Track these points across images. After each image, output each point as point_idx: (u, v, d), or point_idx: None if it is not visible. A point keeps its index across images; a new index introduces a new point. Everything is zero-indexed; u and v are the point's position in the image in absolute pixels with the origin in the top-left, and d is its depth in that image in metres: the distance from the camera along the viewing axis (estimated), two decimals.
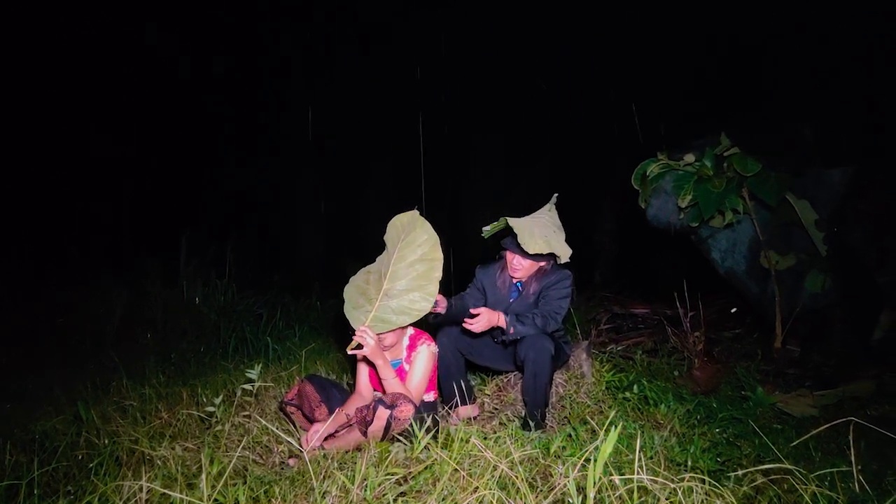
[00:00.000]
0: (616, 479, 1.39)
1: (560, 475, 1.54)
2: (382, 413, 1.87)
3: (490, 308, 2.30)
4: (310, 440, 1.94)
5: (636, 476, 1.37)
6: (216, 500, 1.54)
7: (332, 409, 2.11)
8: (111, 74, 6.39)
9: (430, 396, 2.27)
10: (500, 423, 2.29)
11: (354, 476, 1.54)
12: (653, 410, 2.39)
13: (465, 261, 2.61)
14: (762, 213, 3.53)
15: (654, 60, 5.51)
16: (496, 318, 2.19)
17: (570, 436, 2.00)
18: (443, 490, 1.49)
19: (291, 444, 2.04)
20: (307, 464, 1.64)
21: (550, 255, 2.25)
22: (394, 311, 2.03)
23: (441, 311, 2.24)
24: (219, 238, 5.11)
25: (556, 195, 2.47)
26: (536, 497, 1.42)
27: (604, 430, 1.55)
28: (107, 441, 2.12)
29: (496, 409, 2.54)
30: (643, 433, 1.96)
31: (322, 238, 7.66)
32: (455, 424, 2.05)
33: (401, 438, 1.90)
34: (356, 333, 1.98)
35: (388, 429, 1.88)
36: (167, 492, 1.54)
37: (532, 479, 1.60)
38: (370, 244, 2.24)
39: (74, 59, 6.12)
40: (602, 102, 6.11)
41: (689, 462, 1.84)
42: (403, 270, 2.05)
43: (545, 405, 2.25)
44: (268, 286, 5.11)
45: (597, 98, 6.14)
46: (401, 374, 2.17)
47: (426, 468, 1.61)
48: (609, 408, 2.38)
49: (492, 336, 2.41)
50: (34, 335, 3.91)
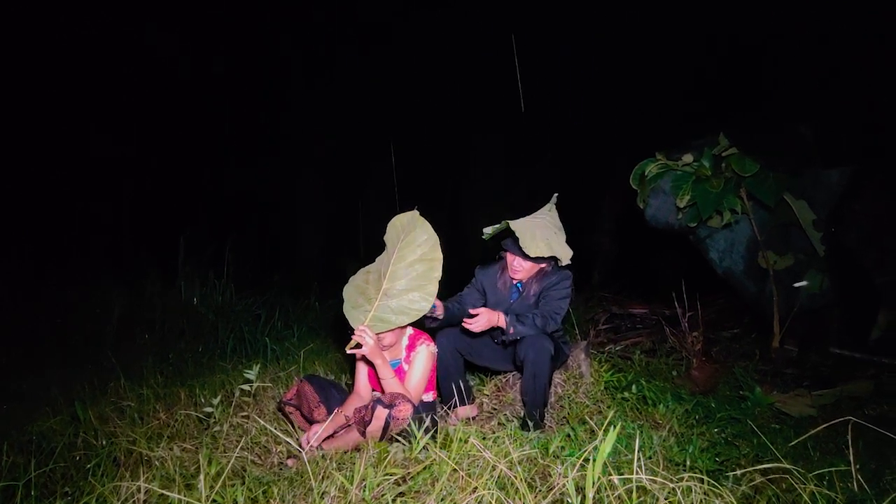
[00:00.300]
0: (615, 479, 1.39)
1: (559, 475, 1.54)
2: (381, 413, 1.87)
3: (490, 309, 2.30)
4: (310, 440, 1.94)
5: (635, 476, 1.37)
6: (214, 501, 1.53)
7: (331, 410, 2.10)
8: (111, 74, 6.38)
9: (429, 396, 2.26)
10: (499, 424, 2.29)
11: (353, 476, 1.54)
12: (651, 410, 2.39)
13: (465, 261, 2.61)
14: (760, 214, 3.53)
15: (654, 60, 5.51)
16: (496, 319, 2.19)
17: (569, 436, 2.00)
18: (442, 490, 1.49)
19: (290, 445, 2.04)
20: (306, 464, 1.64)
21: (551, 257, 2.25)
22: (393, 311, 2.03)
23: (439, 317, 2.24)
24: (217, 238, 5.10)
25: (557, 195, 2.47)
26: (535, 497, 1.42)
27: (602, 430, 1.55)
28: (104, 442, 2.11)
29: (495, 409, 2.54)
30: (642, 433, 1.96)
31: (321, 238, 7.66)
32: (454, 424, 2.05)
33: (399, 438, 1.89)
34: (355, 333, 1.98)
35: (387, 429, 1.88)
36: (165, 492, 1.54)
37: (531, 479, 1.60)
38: (370, 244, 2.24)
39: (74, 59, 6.11)
40: (601, 102, 6.12)
41: (688, 462, 1.84)
42: (403, 270, 2.05)
43: (544, 405, 2.25)
44: (266, 286, 5.11)
45: (596, 98, 6.15)
46: (400, 374, 2.17)
47: (425, 468, 1.61)
48: (608, 408, 2.38)
49: (491, 336, 2.41)
50: (33, 335, 3.89)
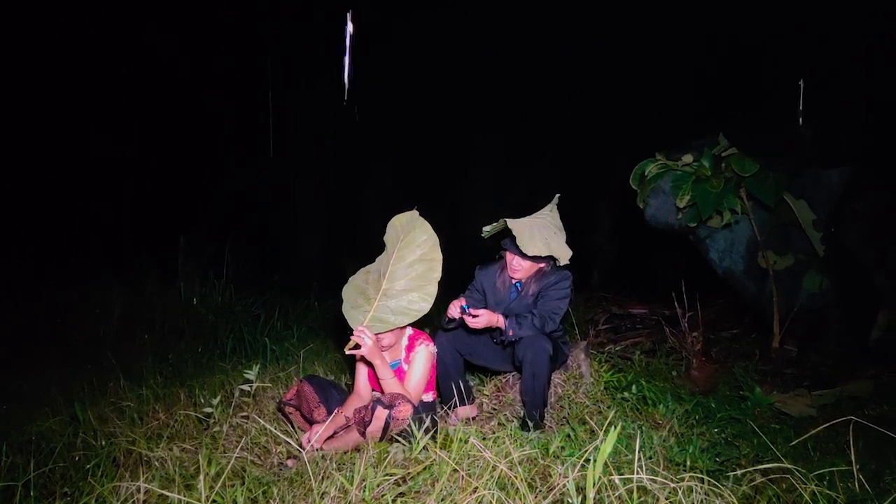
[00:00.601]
0: (616, 479, 1.39)
1: (559, 475, 1.53)
2: (381, 413, 1.87)
3: (490, 309, 2.30)
4: (310, 440, 1.94)
5: (636, 476, 1.37)
6: (214, 502, 1.53)
7: (331, 410, 2.10)
8: (111, 74, 6.37)
9: (429, 397, 2.26)
10: (499, 424, 2.29)
11: (353, 477, 1.54)
12: (651, 410, 2.39)
13: (465, 261, 2.61)
14: (760, 214, 3.54)
15: (654, 60, 5.52)
16: (495, 320, 2.19)
17: (569, 436, 2.00)
18: (442, 490, 1.49)
19: (290, 445, 2.04)
20: (306, 464, 1.64)
21: (550, 257, 2.25)
22: (392, 312, 2.02)
23: (459, 317, 2.22)
24: (217, 238, 5.10)
25: (558, 195, 2.46)
26: (536, 497, 1.42)
27: (603, 431, 1.55)
28: (104, 442, 2.11)
29: (495, 410, 2.54)
30: (642, 433, 1.95)
31: (321, 238, 7.65)
32: (454, 425, 2.05)
33: (399, 439, 1.89)
34: (354, 333, 1.97)
35: (387, 429, 1.87)
36: (165, 493, 1.54)
37: (531, 480, 1.60)
38: (369, 244, 2.24)
39: (74, 59, 6.10)
40: (601, 102, 6.12)
41: (688, 462, 1.84)
42: (402, 271, 2.05)
43: (544, 405, 2.25)
44: (266, 286, 5.10)
45: (596, 98, 6.15)
46: (399, 375, 2.16)
47: (425, 469, 1.61)
48: (608, 408, 2.38)
49: (491, 336, 2.41)
50: (32, 335, 3.89)
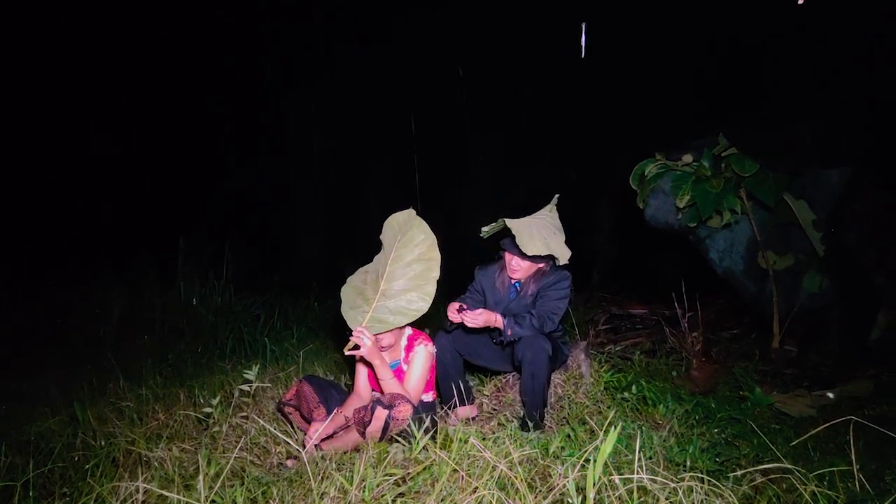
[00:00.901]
0: (616, 479, 1.39)
1: (559, 475, 1.53)
2: (380, 413, 1.86)
3: (490, 309, 2.30)
4: (311, 438, 1.94)
5: (636, 476, 1.37)
6: (213, 502, 1.53)
7: (331, 410, 2.10)
8: (111, 74, 6.37)
9: (429, 397, 2.26)
10: (499, 424, 2.29)
11: (353, 477, 1.53)
12: (651, 411, 2.39)
13: (464, 261, 2.61)
14: (760, 214, 3.54)
15: (654, 60, 5.52)
16: (494, 319, 2.19)
17: (569, 436, 1.99)
18: (441, 491, 1.49)
19: (289, 445, 2.04)
20: (305, 465, 1.64)
21: (549, 257, 2.25)
22: (391, 312, 2.02)
23: (460, 321, 2.21)
24: (217, 238, 5.10)
25: (558, 195, 2.46)
26: (536, 497, 1.42)
27: (603, 431, 1.55)
28: (103, 442, 2.11)
29: (495, 410, 2.54)
30: (642, 433, 1.95)
31: (320, 238, 7.65)
32: (454, 425, 2.05)
33: (399, 439, 1.89)
34: (353, 334, 1.97)
35: (387, 429, 1.87)
36: (164, 493, 1.53)
37: (531, 480, 1.60)
38: (369, 245, 2.24)
39: (74, 59, 6.10)
40: (601, 102, 6.12)
41: (688, 462, 1.84)
42: (401, 270, 2.05)
43: (544, 405, 2.25)
44: (266, 287, 5.10)
45: (596, 98, 6.15)
46: (399, 375, 2.16)
47: (425, 469, 1.60)
48: (608, 408, 2.38)
49: (490, 336, 2.41)
50: (32, 335, 3.89)
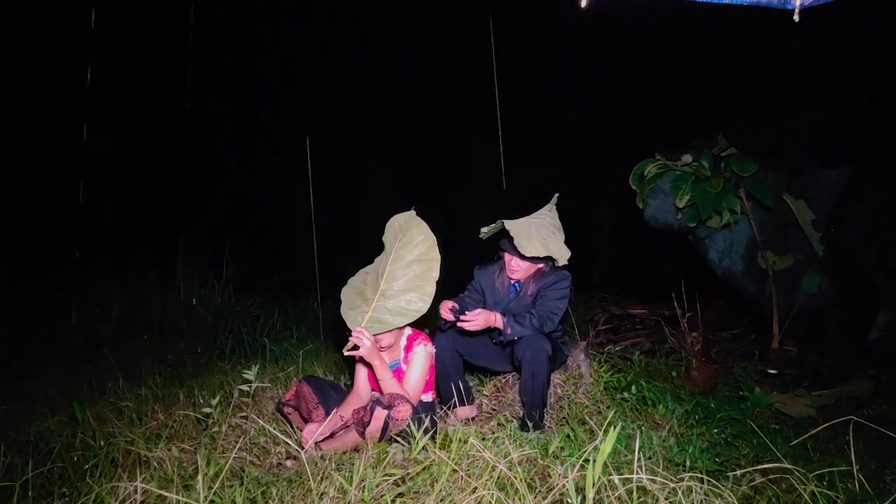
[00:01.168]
0: (615, 479, 1.39)
1: (559, 475, 1.53)
2: (380, 414, 1.86)
3: (489, 309, 2.29)
4: (307, 438, 1.93)
5: (635, 476, 1.37)
6: (213, 502, 1.52)
7: (330, 410, 2.09)
8: (111, 74, 6.37)
9: (429, 397, 2.26)
10: (499, 424, 2.29)
11: (352, 477, 1.53)
12: (651, 411, 2.39)
13: (464, 261, 2.61)
14: (759, 214, 3.54)
15: (653, 60, 5.52)
16: (493, 319, 2.19)
17: (569, 436, 1.99)
18: (441, 491, 1.48)
19: (289, 445, 2.03)
20: (305, 465, 1.64)
21: (549, 257, 2.24)
22: (390, 312, 2.02)
23: (453, 319, 2.23)
24: (216, 238, 5.10)
25: (557, 195, 2.46)
26: (535, 497, 1.42)
27: (602, 431, 1.55)
28: (102, 442, 2.11)
29: (494, 410, 2.53)
30: (641, 433, 1.95)
31: (320, 239, 7.65)
32: (453, 425, 2.05)
33: (399, 439, 1.89)
34: (353, 334, 1.97)
35: (386, 429, 1.87)
36: (163, 493, 1.53)
37: (531, 480, 1.59)
38: (369, 245, 2.24)
39: (74, 59, 6.10)
40: (601, 102, 6.12)
41: (688, 462, 1.84)
42: (400, 271, 2.05)
43: (543, 406, 2.25)
44: (265, 287, 5.10)
45: (596, 98, 6.15)
46: (398, 375, 2.16)
47: (424, 469, 1.60)
48: (607, 408, 2.38)
49: (490, 336, 2.41)
50: (32, 335, 3.89)
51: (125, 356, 3.42)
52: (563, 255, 2.23)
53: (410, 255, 2.05)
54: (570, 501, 1.32)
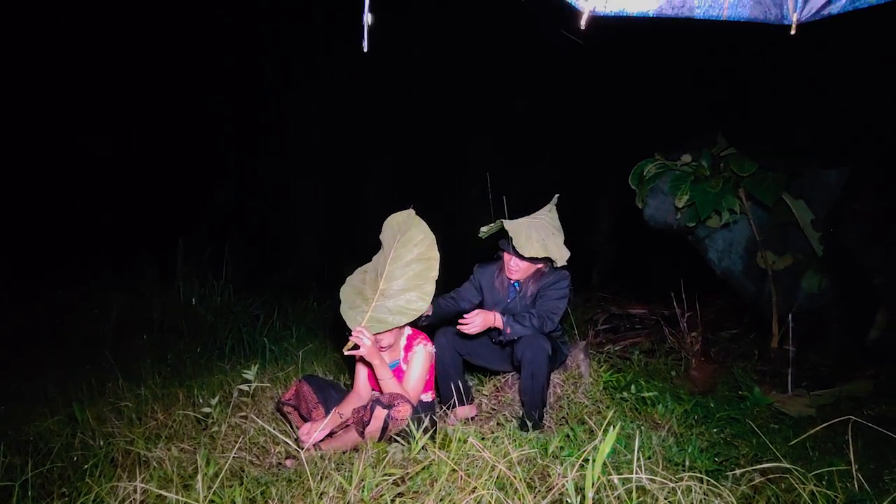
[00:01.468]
0: (615, 479, 1.39)
1: (558, 475, 1.53)
2: (380, 413, 1.86)
3: (488, 309, 2.29)
4: (303, 435, 1.93)
5: (635, 476, 1.37)
6: (212, 502, 1.53)
7: (330, 410, 2.09)
8: (110, 74, 6.37)
9: (428, 397, 2.26)
10: (498, 424, 2.29)
11: (352, 477, 1.53)
12: (650, 410, 2.39)
13: (463, 261, 2.61)
14: (759, 213, 3.54)
15: (653, 60, 5.52)
16: (492, 319, 2.19)
17: (568, 436, 2.00)
18: (441, 490, 1.49)
19: (288, 445, 2.04)
20: (304, 464, 1.64)
21: (547, 258, 2.25)
22: (390, 311, 2.02)
23: (428, 314, 2.25)
24: (216, 238, 5.09)
25: (557, 195, 2.46)
26: (535, 497, 1.42)
27: (602, 430, 1.55)
28: (102, 442, 2.11)
29: (494, 410, 2.54)
30: (641, 433, 1.95)
31: (319, 238, 7.65)
32: (453, 425, 2.05)
33: (398, 439, 1.89)
34: (352, 334, 1.97)
35: (386, 429, 1.87)
36: (163, 493, 1.53)
37: (530, 480, 1.60)
38: (368, 245, 2.24)
39: (74, 59, 6.10)
40: (601, 102, 6.12)
41: (687, 462, 1.84)
42: (400, 270, 2.05)
43: (543, 405, 2.25)
44: (265, 287, 5.10)
45: (595, 98, 6.15)
46: (398, 375, 2.16)
47: (424, 468, 1.60)
48: (607, 408, 2.38)
49: (489, 336, 2.41)
50: (31, 335, 3.88)
51: (125, 356, 3.42)
52: (563, 256, 2.23)
53: (410, 254, 2.05)
54: (570, 501, 1.33)
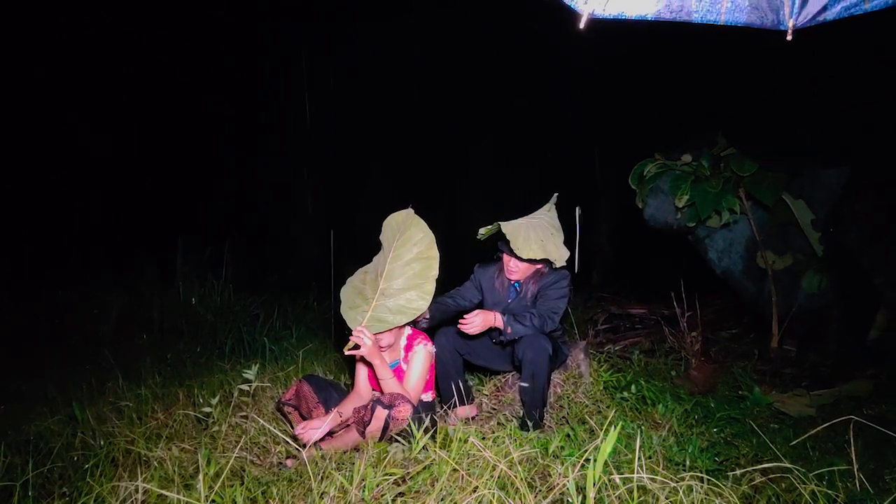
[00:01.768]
0: (616, 479, 1.39)
1: (559, 475, 1.53)
2: (380, 413, 1.86)
3: (488, 309, 2.29)
4: (300, 430, 1.93)
5: (635, 475, 1.37)
6: (213, 501, 1.53)
7: (330, 410, 2.10)
8: (110, 74, 6.37)
9: (429, 396, 2.26)
10: (499, 423, 2.29)
11: (353, 476, 1.53)
12: (650, 410, 2.39)
13: (463, 260, 2.61)
14: (759, 213, 3.54)
15: (653, 60, 5.52)
16: (492, 319, 2.19)
17: (569, 436, 2.00)
18: (441, 490, 1.49)
19: (289, 445, 2.03)
20: (305, 464, 1.64)
21: (546, 259, 2.24)
22: (391, 311, 2.02)
23: (426, 318, 2.27)
24: (215, 238, 5.09)
25: (556, 195, 2.46)
26: (536, 497, 1.42)
27: (603, 430, 1.55)
28: (102, 442, 2.11)
29: (494, 409, 2.54)
30: (641, 433, 1.95)
31: (319, 238, 7.65)
32: (453, 424, 2.05)
33: (399, 439, 1.89)
34: (353, 334, 1.97)
35: (387, 429, 1.87)
36: (164, 493, 1.53)
37: (531, 479, 1.60)
38: (368, 244, 2.24)
39: (73, 59, 6.10)
40: (601, 102, 6.12)
41: (688, 461, 1.84)
42: (400, 269, 2.05)
43: (543, 405, 2.25)
44: (265, 286, 5.10)
45: (596, 98, 6.15)
46: (398, 375, 2.16)
47: (425, 468, 1.60)
48: (607, 408, 2.38)
49: (490, 336, 2.41)
50: (31, 335, 3.88)
51: (125, 356, 3.42)
52: (562, 257, 2.23)
53: (409, 254, 2.05)
54: (571, 501, 1.33)
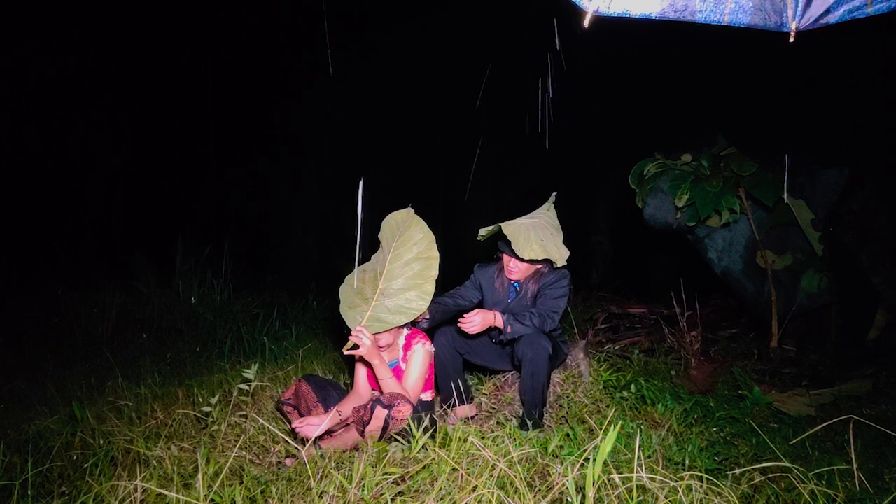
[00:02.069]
0: (615, 478, 1.39)
1: (559, 474, 1.53)
2: (380, 413, 1.86)
3: (488, 309, 2.29)
4: (297, 424, 1.92)
5: (635, 475, 1.37)
6: (213, 501, 1.52)
7: (329, 409, 2.09)
8: (109, 74, 6.36)
9: (428, 396, 2.26)
10: (498, 423, 2.29)
11: (352, 476, 1.53)
12: (650, 410, 2.39)
13: (463, 260, 2.61)
14: (759, 213, 3.54)
15: (653, 60, 5.53)
16: (492, 318, 2.19)
17: (569, 435, 1.99)
18: (441, 489, 1.49)
19: (288, 444, 2.03)
20: (304, 463, 1.64)
21: (547, 259, 2.24)
22: (390, 311, 2.02)
23: (427, 318, 2.27)
24: (215, 238, 5.09)
25: (555, 193, 2.46)
26: (535, 496, 1.42)
27: (602, 430, 1.55)
28: (102, 441, 2.10)
29: (494, 409, 2.53)
30: (641, 432, 1.95)
31: (318, 238, 7.65)
32: (453, 424, 2.05)
33: (398, 438, 1.89)
34: (352, 333, 1.97)
35: (386, 428, 1.87)
36: (163, 492, 1.53)
37: (530, 479, 1.60)
38: (367, 244, 2.24)
39: (73, 60, 6.09)
40: (601, 102, 6.13)
41: (687, 461, 1.84)
42: (399, 269, 2.04)
43: (543, 404, 2.25)
44: (264, 286, 5.10)
45: (596, 98, 6.15)
46: (398, 374, 2.16)
47: (424, 468, 1.60)
48: (607, 407, 2.38)
49: (489, 336, 2.41)
50: (31, 335, 3.88)
51: (124, 355, 3.42)
52: (562, 256, 2.23)
53: (409, 254, 2.05)
54: (570, 500, 1.33)
